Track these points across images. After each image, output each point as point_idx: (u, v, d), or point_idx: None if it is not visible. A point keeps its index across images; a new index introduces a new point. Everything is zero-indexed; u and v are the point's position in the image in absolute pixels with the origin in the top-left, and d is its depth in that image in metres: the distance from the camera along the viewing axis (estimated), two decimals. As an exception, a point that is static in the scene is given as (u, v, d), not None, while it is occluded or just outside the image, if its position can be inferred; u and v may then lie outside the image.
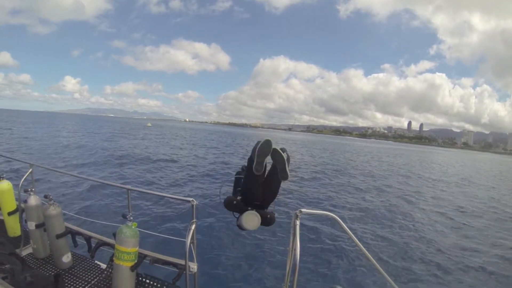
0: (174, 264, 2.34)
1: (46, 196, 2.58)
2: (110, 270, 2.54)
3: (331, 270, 5.40)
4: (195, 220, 2.16)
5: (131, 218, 2.24)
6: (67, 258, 2.69)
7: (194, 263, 2.19)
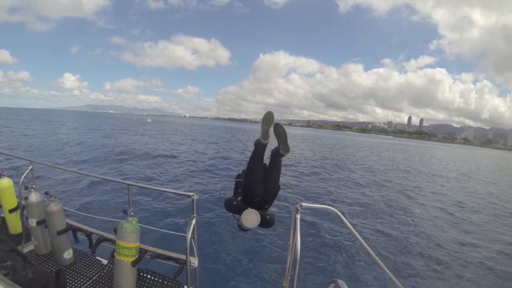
0: (175, 259, 2.34)
1: (46, 192, 2.58)
2: (111, 266, 2.55)
3: (332, 264, 5.44)
4: (195, 214, 2.16)
5: (132, 213, 2.24)
6: (68, 254, 2.70)
7: (195, 258, 2.19)
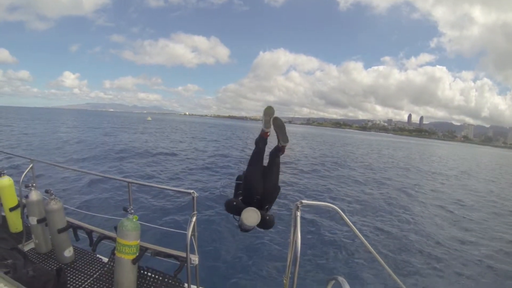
0: (176, 257, 2.34)
1: (47, 191, 2.58)
2: (112, 264, 2.55)
3: (332, 261, 5.46)
4: (195, 212, 2.15)
5: (132, 211, 2.24)
6: (69, 252, 2.70)
7: (195, 255, 2.18)
